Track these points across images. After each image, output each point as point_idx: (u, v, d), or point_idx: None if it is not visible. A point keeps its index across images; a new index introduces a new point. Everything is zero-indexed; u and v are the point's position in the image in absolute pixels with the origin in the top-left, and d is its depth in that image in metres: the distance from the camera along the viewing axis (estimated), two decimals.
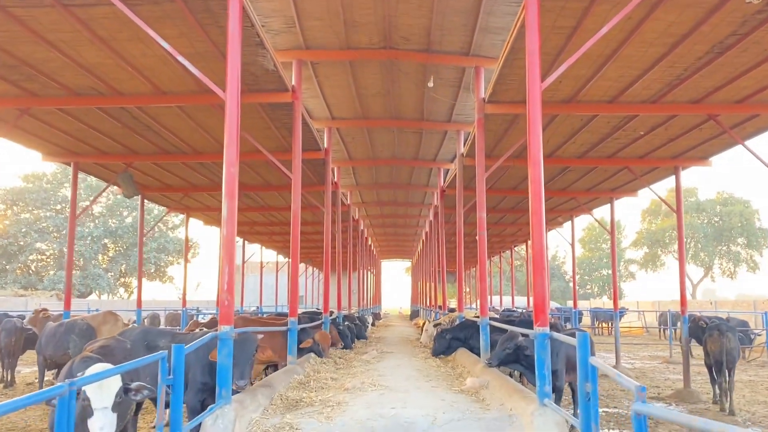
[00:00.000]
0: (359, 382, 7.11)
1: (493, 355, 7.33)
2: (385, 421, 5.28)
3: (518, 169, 12.97)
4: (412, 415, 5.44)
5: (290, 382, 7.25)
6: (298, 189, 8.48)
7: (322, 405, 6.03)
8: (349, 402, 6.12)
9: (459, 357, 10.07)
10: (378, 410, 5.64)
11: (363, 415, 5.45)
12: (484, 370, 7.82)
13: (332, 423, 5.26)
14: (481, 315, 8.38)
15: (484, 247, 8.45)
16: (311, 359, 9.24)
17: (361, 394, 6.58)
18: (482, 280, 8.26)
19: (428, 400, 6.24)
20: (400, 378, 7.85)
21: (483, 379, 7.19)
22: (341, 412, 5.67)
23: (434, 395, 6.63)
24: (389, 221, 27.30)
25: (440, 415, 5.52)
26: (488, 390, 6.83)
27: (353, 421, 5.28)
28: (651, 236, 57.20)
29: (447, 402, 6.23)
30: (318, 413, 5.65)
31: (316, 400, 6.29)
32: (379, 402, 6.08)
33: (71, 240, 11.91)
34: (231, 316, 5.09)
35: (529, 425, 4.92)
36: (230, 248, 5.17)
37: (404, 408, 5.77)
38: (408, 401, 6.12)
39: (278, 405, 6.05)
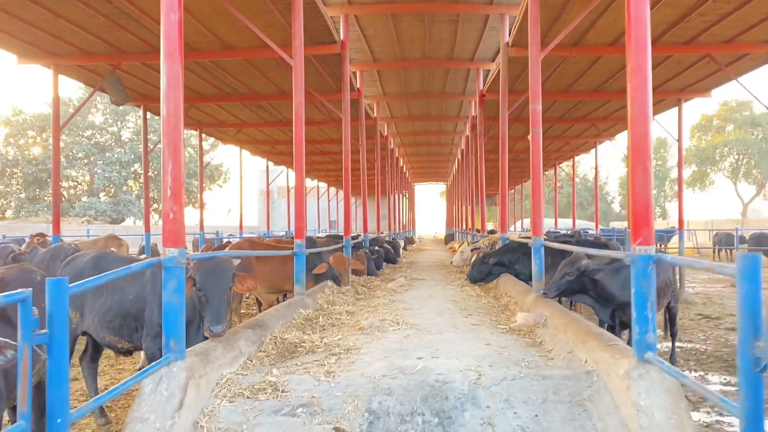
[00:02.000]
0: (379, 318, 5.55)
1: (552, 283, 5.68)
2: (407, 379, 3.71)
3: (572, 65, 10.97)
4: (445, 369, 3.86)
5: (292, 319, 5.75)
6: (300, 79, 6.66)
7: (326, 352, 4.50)
8: (362, 348, 4.57)
9: (503, 285, 8.46)
10: (399, 361, 4.07)
11: (377, 370, 3.89)
12: (537, 302, 6.19)
13: (333, 382, 3.72)
14: (534, 234, 6.66)
15: (538, 149, 6.59)
16: (326, 288, 7.75)
17: (380, 335, 5.03)
18: (536, 192, 6.47)
19: (467, 345, 4.64)
20: (431, 312, 6.28)
21: (538, 314, 5.56)
22: (349, 363, 4.12)
23: (475, 337, 5.03)
24: (422, 139, 25.28)
25: (485, 369, 3.92)
26: (546, 329, 5.21)
27: (363, 380, 3.73)
28: (700, 153, 54.61)
29: (493, 348, 4.63)
30: (318, 365, 4.13)
31: (320, 344, 4.77)
32: (401, 348, 4.51)
33: (56, 151, 10.48)
34: (180, 235, 3.48)
35: (623, 391, 3.27)
36: (174, 136, 3.49)
37: (435, 358, 4.19)
38: (440, 347, 4.53)
39: (267, 353, 4.55)
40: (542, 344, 4.89)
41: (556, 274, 5.84)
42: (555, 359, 4.34)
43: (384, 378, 3.75)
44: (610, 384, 3.50)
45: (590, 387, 3.59)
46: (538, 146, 6.57)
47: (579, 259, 5.77)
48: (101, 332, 4.66)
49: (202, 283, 4.04)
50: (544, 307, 5.77)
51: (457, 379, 3.70)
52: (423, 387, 3.64)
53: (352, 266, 8.28)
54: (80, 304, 4.76)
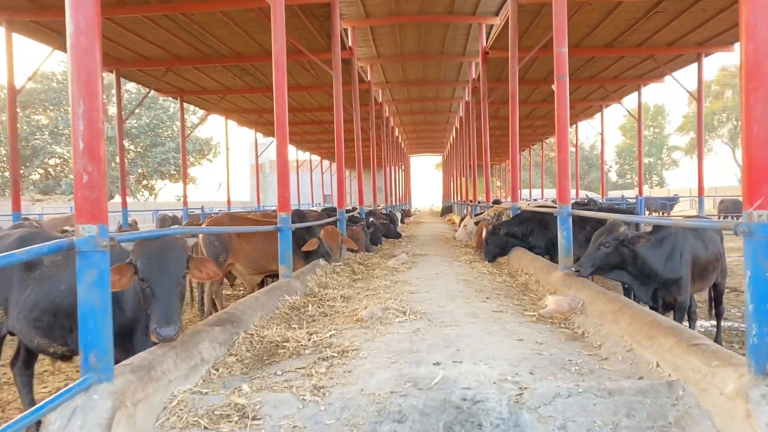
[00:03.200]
0: (381, 307, 4.54)
1: (585, 257, 4.70)
2: (423, 397, 2.73)
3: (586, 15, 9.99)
4: (473, 380, 2.88)
5: (275, 308, 4.75)
6: (280, 19, 5.53)
7: (315, 355, 3.51)
8: (361, 349, 3.57)
9: (517, 260, 7.48)
10: (410, 369, 3.09)
11: (382, 383, 2.90)
12: (566, 281, 5.22)
13: (322, 403, 2.73)
14: (561, 201, 5.64)
15: (565, 100, 5.53)
16: (318, 269, 6.75)
17: (383, 330, 4.03)
18: (563, 150, 5.45)
19: (496, 342, 3.66)
20: (442, 296, 5.29)
21: (573, 298, 4.58)
22: (344, 373, 3.13)
23: (502, 329, 4.04)
24: (418, 107, 24.08)
25: (526, 378, 2.94)
26: (586, 317, 4.24)
27: (363, 399, 2.75)
28: None
29: (528, 344, 3.64)
30: (304, 375, 3.14)
31: (307, 344, 3.77)
32: (412, 349, 3.51)
33: (12, 121, 9.34)
34: (100, 206, 2.43)
35: (735, 417, 2.29)
36: (88, 64, 2.42)
37: (457, 363, 3.21)
38: (462, 346, 3.54)
39: (240, 357, 3.55)
40: (586, 337, 3.91)
41: (590, 247, 4.85)
42: (611, 360, 3.36)
43: (392, 396, 2.76)
44: (706, 403, 2.51)
45: (676, 406, 2.61)
46: (564, 97, 5.51)
47: (616, 227, 4.79)
48: (27, 332, 3.65)
49: (146, 270, 3.02)
50: (579, 288, 4.79)
51: (492, 396, 2.71)
52: (446, 409, 2.65)
53: (345, 243, 7.27)
54: (3, 296, 3.75)
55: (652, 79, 14.99)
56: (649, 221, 5.01)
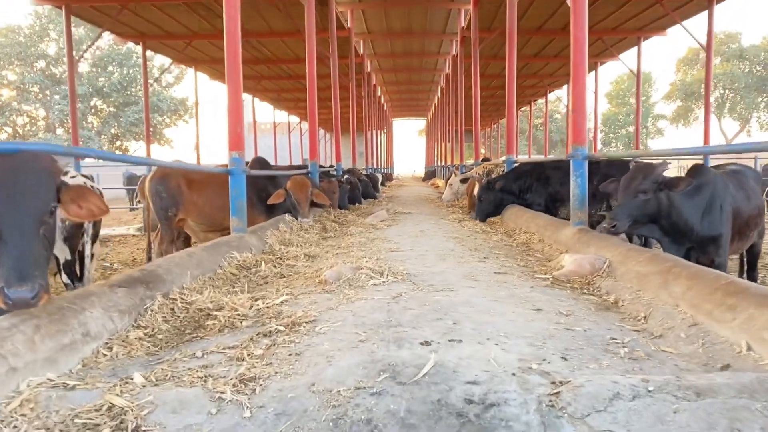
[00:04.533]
0: (352, 266, 3.53)
1: (620, 208, 3.76)
2: (408, 396, 1.76)
3: None
4: (480, 369, 1.92)
5: (217, 267, 3.72)
6: None
7: (255, 328, 2.50)
8: (318, 321, 2.57)
9: (513, 218, 6.52)
10: (386, 352, 2.11)
11: (344, 373, 1.91)
12: (580, 237, 4.29)
13: (248, 406, 1.74)
14: (575, 142, 4.65)
15: (582, 11, 4.49)
16: (282, 224, 5.72)
17: (353, 295, 3.03)
18: (579, 79, 4.42)
19: (506, 314, 2.67)
20: (429, 255, 4.30)
21: (596, 257, 3.62)
22: (289, 358, 2.13)
23: (510, 295, 3.06)
24: (402, 63, 22.79)
25: (559, 365, 1.99)
26: (615, 280, 3.28)
27: (313, 398, 1.76)
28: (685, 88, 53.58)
29: (549, 315, 2.67)
30: (231, 360, 2.15)
31: (247, 313, 2.75)
32: (390, 322, 2.51)
33: None
34: None
35: None
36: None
37: (455, 342, 2.23)
38: (459, 317, 2.56)
39: (151, 330, 2.54)
40: (621, 306, 2.95)
41: (621, 195, 3.87)
42: (668, 339, 2.40)
43: (358, 394, 1.77)
44: None
45: None
46: (582, 10, 4.46)
47: (653, 168, 3.84)
48: None
49: None
50: (601, 245, 3.83)
51: (513, 396, 1.75)
52: (442, 417, 1.68)
53: (317, 197, 6.22)
54: None
55: (654, 32, 13.99)
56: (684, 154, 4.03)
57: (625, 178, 3.84)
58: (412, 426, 1.65)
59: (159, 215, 6.51)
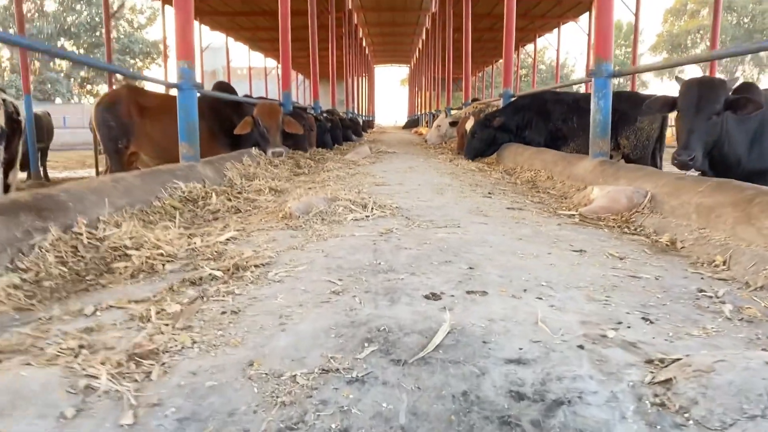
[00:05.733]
0: (325, 197, 2.73)
1: (696, 136, 3.01)
2: (411, 384, 0.98)
3: None
4: (525, 337, 1.15)
5: (153, 198, 2.90)
6: None
7: (180, 276, 1.71)
8: (275, 266, 1.79)
9: (511, 156, 5.75)
10: (372, 309, 1.33)
11: (303, 347, 1.15)
12: (604, 170, 3.58)
13: (135, 408, 0.95)
14: (599, 55, 3.84)
15: None
16: (246, 156, 4.88)
17: (326, 231, 2.24)
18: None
19: (540, 256, 1.92)
20: (423, 190, 3.53)
21: (635, 190, 2.87)
22: (221, 318, 1.35)
23: (539, 235, 2.31)
24: (385, 1, 21.45)
25: (647, 335, 1.23)
26: (662, 217, 2.55)
27: (244, 395, 0.98)
28: (672, 40, 52.77)
29: (598, 260, 1.93)
30: (127, 323, 1.35)
31: (177, 253, 1.96)
32: (376, 266, 1.73)
33: None
34: None
35: None
36: None
37: (476, 293, 1.46)
38: (475, 258, 1.79)
39: (34, 276, 1.73)
40: (682, 248, 2.22)
41: (692, 117, 3.07)
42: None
43: (327, 383, 1.01)
44: None
45: None
46: None
47: (725, 83, 3.10)
48: None
49: None
50: (636, 176, 3.09)
51: (588, 385, 1.00)
52: (476, 425, 0.92)
53: (288, 126, 5.36)
54: None
55: None
56: None
57: (694, 94, 3.04)
58: None
59: (107, 148, 5.60)
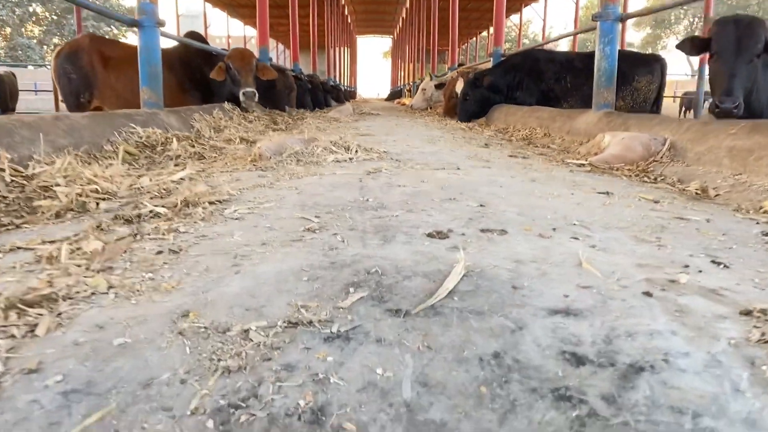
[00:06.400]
0: (302, 138, 2.36)
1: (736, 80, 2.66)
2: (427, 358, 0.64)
3: None
4: (577, 289, 0.82)
5: (104, 140, 2.50)
6: None
7: (113, 215, 1.34)
8: (233, 203, 1.43)
9: (503, 116, 5.41)
10: (363, 249, 0.98)
11: (264, 298, 0.80)
12: (611, 121, 3.27)
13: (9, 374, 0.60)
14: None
15: None
16: (218, 110, 4.47)
17: (302, 171, 1.89)
18: None
19: (562, 196, 1.59)
20: (414, 140, 3.19)
21: (652, 138, 2.56)
22: (155, 269, 1.00)
23: (553, 180, 1.98)
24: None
25: (730, 282, 0.91)
26: (685, 165, 2.24)
27: (169, 388, 0.63)
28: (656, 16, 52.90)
29: (630, 202, 1.61)
30: (28, 267, 0.99)
31: (116, 191, 1.59)
32: (363, 202, 1.38)
33: None
34: None
35: None
36: None
37: (495, 235, 1.13)
38: (485, 196, 1.46)
39: None
40: (716, 196, 1.91)
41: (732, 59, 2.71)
42: None
43: (294, 341, 0.66)
44: None
45: None
46: None
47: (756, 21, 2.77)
48: None
49: None
50: (650, 124, 2.77)
51: (677, 345, 0.66)
52: (524, 403, 0.58)
53: (263, 72, 4.94)
54: None
55: None
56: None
57: (733, 34, 2.68)
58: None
59: (68, 102, 5.15)
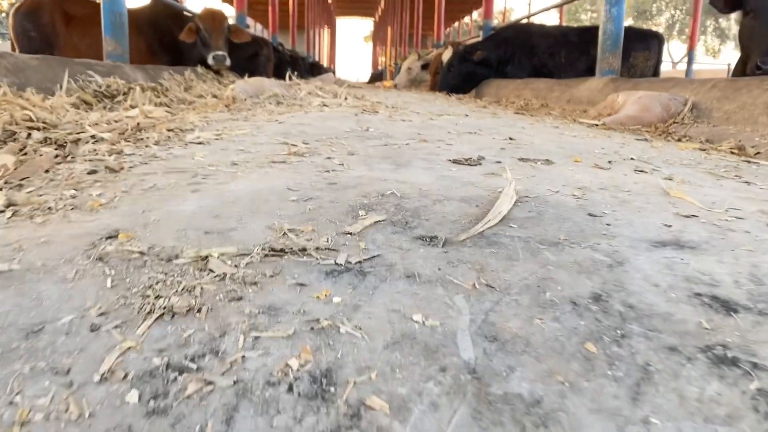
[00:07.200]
0: (283, 83, 2.07)
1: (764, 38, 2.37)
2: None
3: None
4: (671, 222, 0.56)
5: (56, 87, 2.19)
6: None
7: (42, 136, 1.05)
8: (198, 131, 1.15)
9: (495, 90, 5.16)
10: (369, 172, 0.71)
11: (246, 233, 0.52)
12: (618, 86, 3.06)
13: None
14: None
15: None
16: (190, 71, 4.13)
17: (285, 111, 1.60)
18: None
19: (585, 137, 1.33)
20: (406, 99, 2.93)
21: (670, 97, 2.32)
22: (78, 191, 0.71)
23: (566, 133, 1.73)
24: None
25: None
26: (713, 125, 2.01)
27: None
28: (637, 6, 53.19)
29: (668, 149, 1.36)
30: None
31: (55, 122, 1.29)
32: (366, 132, 1.11)
33: None
34: None
35: None
36: None
37: (540, 165, 0.86)
38: (515, 135, 1.19)
39: None
40: (758, 154, 1.68)
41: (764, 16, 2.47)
42: None
43: (282, 268, 0.42)
44: None
45: None
46: None
47: None
48: None
49: None
50: (667, 86, 2.54)
51: None
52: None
53: (235, 34, 4.60)
54: None
55: None
56: None
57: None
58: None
59: None
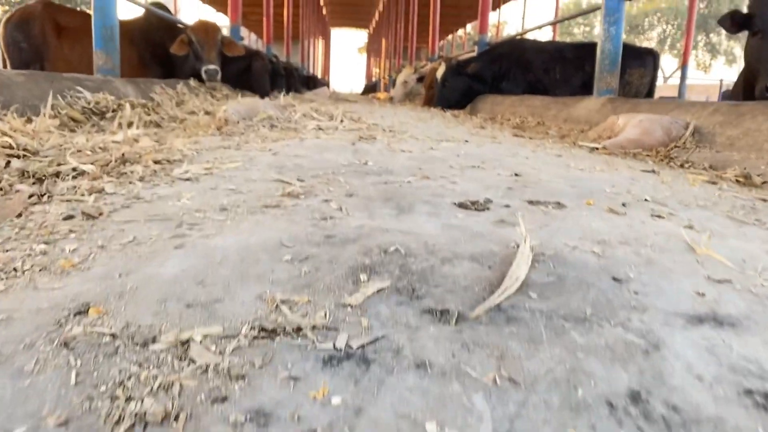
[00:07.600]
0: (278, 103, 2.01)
1: None
2: None
3: None
4: None
5: (41, 104, 2.11)
6: None
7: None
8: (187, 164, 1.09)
9: (489, 106, 5.13)
10: (371, 221, 0.65)
11: (234, 309, 0.45)
12: (617, 107, 3.01)
13: None
14: None
15: None
16: (182, 84, 4.08)
17: (280, 137, 1.54)
18: None
19: (593, 169, 1.27)
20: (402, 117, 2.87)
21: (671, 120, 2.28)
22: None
23: (570, 158, 1.67)
24: None
25: None
26: (716, 151, 1.97)
27: None
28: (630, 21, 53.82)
29: (680, 184, 1.31)
30: None
31: (36, 149, 1.22)
32: (365, 166, 1.05)
33: None
34: None
35: None
36: None
37: (553, 210, 0.80)
38: (521, 169, 1.13)
39: None
40: (764, 183, 1.63)
41: None
42: None
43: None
44: None
45: None
46: None
47: None
48: None
49: None
50: (668, 109, 2.50)
51: None
52: None
53: (228, 47, 4.56)
54: None
55: None
56: None
57: None
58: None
59: None
